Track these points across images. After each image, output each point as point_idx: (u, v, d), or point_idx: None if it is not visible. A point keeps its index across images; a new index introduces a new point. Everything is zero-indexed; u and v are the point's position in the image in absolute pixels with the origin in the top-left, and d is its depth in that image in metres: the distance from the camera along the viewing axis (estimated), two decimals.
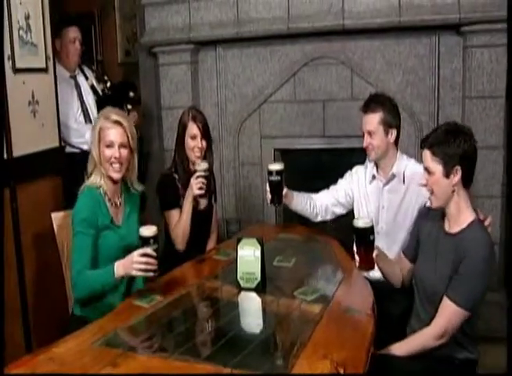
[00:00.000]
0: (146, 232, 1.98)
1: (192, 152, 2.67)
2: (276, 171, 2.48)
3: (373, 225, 1.98)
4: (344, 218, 2.73)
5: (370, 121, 2.49)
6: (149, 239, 1.96)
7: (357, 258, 2.03)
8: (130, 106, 3.64)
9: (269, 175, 2.49)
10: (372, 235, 1.98)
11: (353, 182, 2.70)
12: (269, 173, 2.49)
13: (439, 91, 3.27)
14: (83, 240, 2.14)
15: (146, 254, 1.95)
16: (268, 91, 3.60)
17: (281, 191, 2.52)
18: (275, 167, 2.50)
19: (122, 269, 2.02)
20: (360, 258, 2.01)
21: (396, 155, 2.56)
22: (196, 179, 2.55)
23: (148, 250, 1.96)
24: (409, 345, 1.96)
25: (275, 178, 2.48)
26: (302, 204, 2.69)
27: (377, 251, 2.06)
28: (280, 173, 2.48)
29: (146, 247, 1.95)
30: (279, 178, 2.48)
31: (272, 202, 2.55)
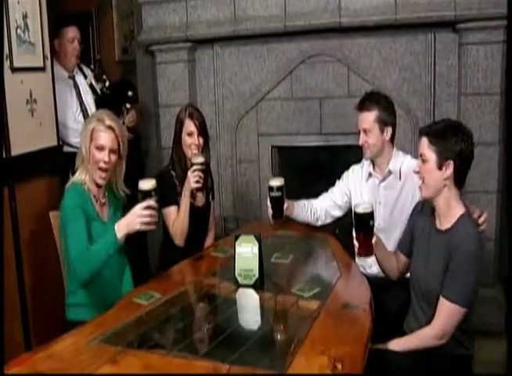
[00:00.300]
0: (146, 185, 1.96)
1: (190, 149, 2.67)
2: (277, 187, 2.45)
3: (373, 211, 1.99)
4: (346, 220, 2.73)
5: (365, 119, 2.50)
6: (151, 191, 1.96)
7: (356, 244, 2.04)
8: (129, 106, 3.63)
9: (270, 191, 2.46)
10: (372, 220, 1.99)
11: (350, 181, 2.70)
12: (270, 189, 2.46)
13: (435, 88, 3.28)
14: (76, 225, 2.11)
15: (148, 207, 1.95)
16: (265, 88, 3.61)
17: (282, 206, 2.49)
18: (275, 183, 2.47)
19: (124, 228, 2.01)
20: (359, 244, 2.03)
21: (392, 152, 2.57)
22: (192, 172, 2.55)
23: (151, 202, 1.95)
24: (408, 345, 1.97)
25: (276, 194, 2.45)
26: (303, 213, 2.69)
27: (376, 237, 2.07)
28: (281, 189, 2.45)
29: (149, 200, 1.95)
30: (280, 194, 2.45)
31: (273, 217, 2.52)
